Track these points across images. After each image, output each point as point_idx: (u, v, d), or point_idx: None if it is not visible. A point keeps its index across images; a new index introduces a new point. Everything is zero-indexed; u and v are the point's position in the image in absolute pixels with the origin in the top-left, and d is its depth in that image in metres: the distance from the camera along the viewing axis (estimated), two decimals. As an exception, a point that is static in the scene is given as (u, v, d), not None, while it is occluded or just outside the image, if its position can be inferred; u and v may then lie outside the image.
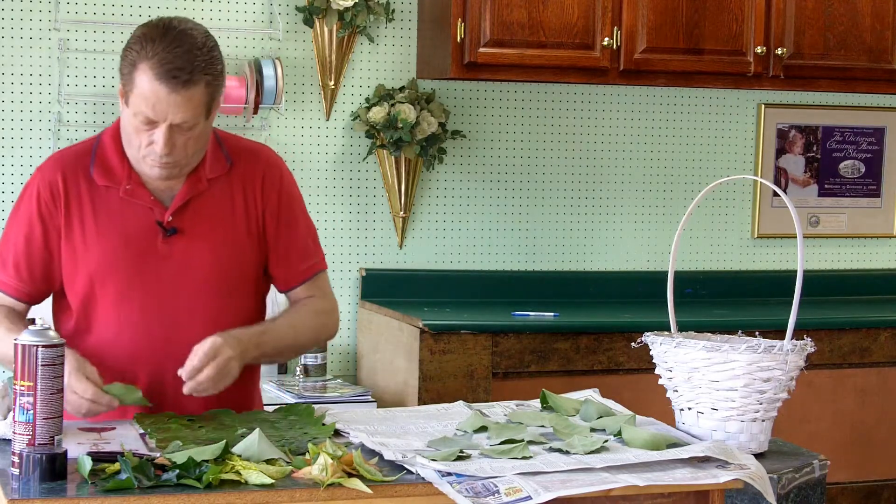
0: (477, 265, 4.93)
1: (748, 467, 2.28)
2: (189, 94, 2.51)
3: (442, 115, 4.70)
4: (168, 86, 2.49)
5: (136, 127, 2.55)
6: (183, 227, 2.65)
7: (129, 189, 2.63)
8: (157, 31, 2.55)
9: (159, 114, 2.51)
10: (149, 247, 2.63)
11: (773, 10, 4.78)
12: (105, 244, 2.62)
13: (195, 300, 2.65)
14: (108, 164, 2.65)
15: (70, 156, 2.70)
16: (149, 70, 2.50)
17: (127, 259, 2.62)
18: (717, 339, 2.61)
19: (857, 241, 5.40)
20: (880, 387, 4.81)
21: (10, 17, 4.40)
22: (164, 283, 2.63)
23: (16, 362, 2.16)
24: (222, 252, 2.67)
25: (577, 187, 5.04)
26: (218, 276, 2.67)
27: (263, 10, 4.62)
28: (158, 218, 2.64)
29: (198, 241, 2.65)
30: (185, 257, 2.64)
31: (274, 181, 2.75)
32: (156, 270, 2.63)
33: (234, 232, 2.69)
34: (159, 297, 2.63)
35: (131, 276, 2.62)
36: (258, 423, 2.49)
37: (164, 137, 2.53)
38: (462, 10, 4.47)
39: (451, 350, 4.25)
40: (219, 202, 2.69)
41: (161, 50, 2.51)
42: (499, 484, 2.13)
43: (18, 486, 2.06)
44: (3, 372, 4.43)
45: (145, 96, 2.50)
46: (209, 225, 2.67)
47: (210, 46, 2.58)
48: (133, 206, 2.64)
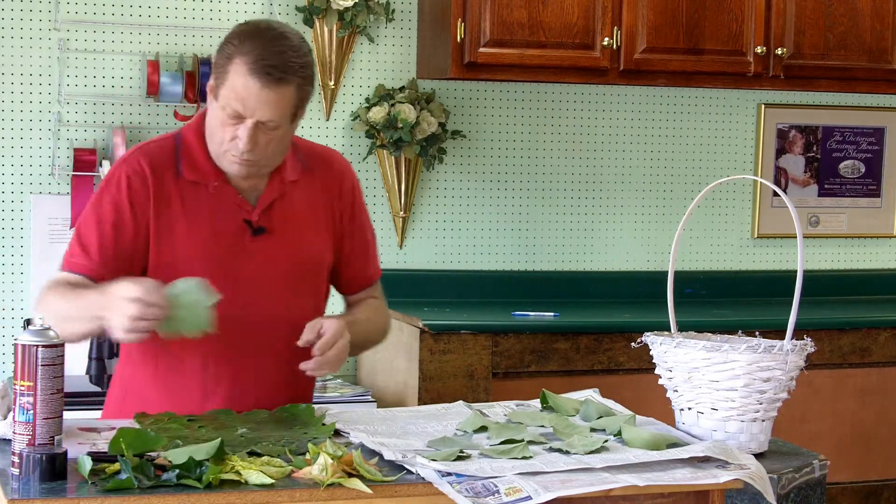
0: (477, 265, 4.93)
1: (748, 467, 2.28)
2: (279, 93, 2.54)
3: (442, 115, 4.70)
4: (261, 81, 2.52)
5: (223, 121, 2.57)
6: (269, 226, 2.69)
7: (217, 186, 2.66)
8: (256, 29, 2.59)
9: (247, 109, 2.54)
10: (237, 244, 2.66)
11: (773, 10, 4.78)
12: (194, 238, 2.64)
13: (274, 298, 2.68)
14: (195, 160, 2.67)
15: (155, 149, 2.70)
16: (244, 65, 2.53)
17: (215, 254, 2.65)
18: (717, 339, 2.61)
19: (857, 241, 5.41)
20: (880, 387, 4.81)
21: (10, 17, 4.40)
22: (248, 281, 2.66)
23: (16, 362, 2.16)
24: (304, 253, 2.73)
25: (577, 187, 5.04)
26: (298, 277, 2.72)
27: (263, 11, 4.62)
28: (246, 216, 2.67)
29: (283, 240, 2.70)
30: (270, 256, 2.68)
31: (350, 187, 2.82)
32: (241, 267, 2.66)
33: (316, 234, 2.75)
34: (242, 293, 2.65)
35: (218, 272, 2.63)
36: (258, 423, 2.50)
37: (248, 134, 2.55)
38: (462, 10, 4.47)
39: (451, 350, 4.25)
40: (301, 204, 2.73)
41: (258, 47, 2.54)
42: (499, 484, 2.13)
43: (18, 486, 2.06)
44: (2, 372, 4.44)
45: (236, 90, 2.53)
46: (293, 226, 2.72)
47: (305, 52, 2.61)
48: (221, 203, 2.66)
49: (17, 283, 4.44)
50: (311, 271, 2.76)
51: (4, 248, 4.43)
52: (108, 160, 4.36)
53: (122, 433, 2.17)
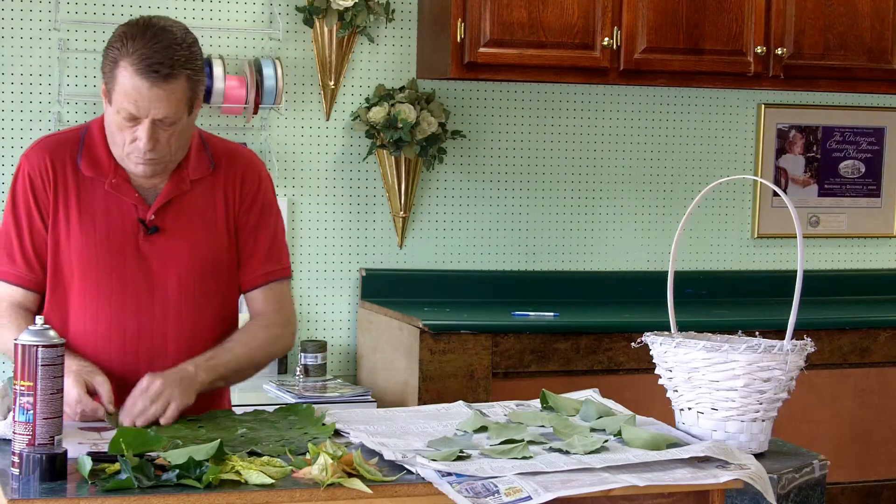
0: (477, 265, 4.93)
1: (748, 467, 2.28)
2: (170, 89, 2.53)
3: (442, 115, 4.70)
4: (149, 80, 2.51)
5: (119, 124, 2.56)
6: (164, 225, 2.67)
7: (114, 183, 2.65)
8: (137, 29, 2.57)
9: (141, 109, 2.53)
10: (129, 243, 2.65)
11: (773, 10, 4.78)
12: (87, 236, 2.64)
13: (171, 298, 2.67)
14: (95, 156, 2.66)
15: (57, 142, 2.70)
16: (129, 66, 2.52)
17: (107, 253, 2.64)
18: (717, 339, 2.61)
19: (857, 241, 5.41)
20: (880, 387, 4.81)
21: (10, 17, 4.40)
22: (142, 280, 2.65)
23: (16, 362, 2.16)
24: (201, 252, 2.69)
25: (577, 187, 5.04)
26: (195, 276, 2.69)
27: (263, 10, 4.62)
28: (141, 215, 2.65)
29: (178, 240, 2.67)
30: (165, 256, 2.66)
31: (252, 184, 2.77)
32: (134, 267, 2.65)
33: (214, 233, 2.71)
34: (136, 293, 2.65)
35: (110, 271, 2.64)
36: (258, 423, 2.50)
37: (146, 133, 2.54)
38: (462, 10, 4.47)
39: (451, 350, 4.25)
40: (200, 203, 2.70)
41: (141, 46, 2.53)
42: (499, 484, 2.13)
43: (18, 486, 2.06)
44: (3, 372, 4.43)
45: (127, 92, 2.52)
46: (190, 225, 2.69)
47: (190, 42, 2.59)
48: (117, 201, 2.65)
49: (17, 283, 4.44)
50: (211, 272, 2.71)
51: (4, 248, 4.43)
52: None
53: (122, 433, 2.17)
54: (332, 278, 4.76)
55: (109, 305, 2.64)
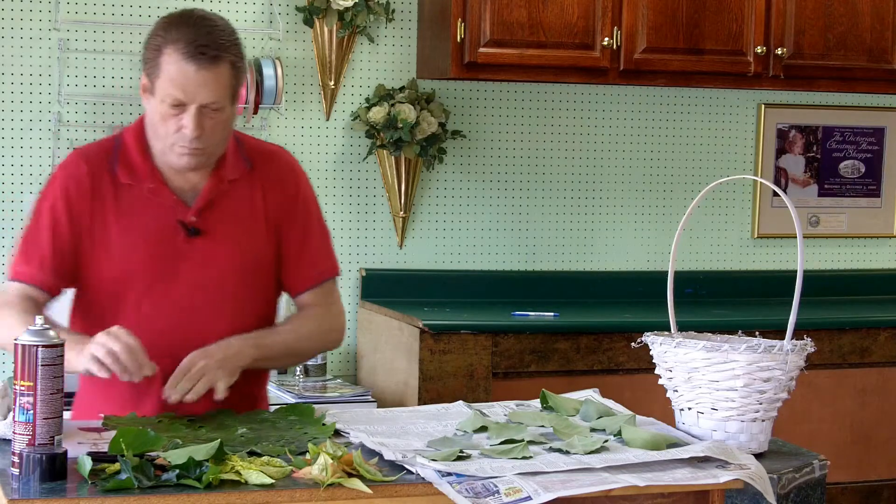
0: (477, 265, 4.93)
1: (748, 467, 2.28)
2: (216, 72, 2.53)
3: (442, 115, 4.70)
4: (196, 63, 2.51)
5: (164, 114, 2.55)
6: (205, 227, 2.65)
7: (152, 188, 2.64)
8: (180, 18, 2.58)
9: (188, 94, 2.52)
10: (171, 246, 2.64)
11: (773, 10, 4.78)
12: (128, 243, 2.63)
13: (213, 300, 2.66)
14: (131, 162, 2.65)
15: (93, 152, 2.70)
16: (175, 52, 2.52)
17: (149, 258, 2.63)
18: (717, 339, 2.61)
19: (857, 241, 5.41)
20: (880, 387, 4.81)
21: (10, 17, 4.40)
22: (184, 283, 2.64)
23: (16, 362, 2.16)
24: (242, 253, 2.69)
25: (577, 187, 5.04)
26: (236, 278, 2.68)
27: (263, 10, 4.62)
28: (181, 217, 2.64)
29: (219, 241, 2.66)
30: (206, 257, 2.65)
31: (292, 185, 2.77)
32: (176, 270, 2.64)
33: (254, 234, 2.71)
34: (179, 296, 2.64)
35: (153, 275, 2.63)
36: (258, 423, 2.50)
37: (193, 120, 2.54)
38: (462, 10, 4.47)
39: (451, 350, 4.25)
40: (240, 204, 2.69)
41: (186, 32, 2.54)
42: (499, 484, 2.13)
43: (18, 486, 2.06)
44: (3, 372, 4.43)
45: (173, 78, 2.52)
46: (230, 226, 2.68)
47: (231, 30, 2.61)
48: (156, 205, 2.64)
49: (17, 283, 4.44)
50: (253, 273, 2.71)
51: (4, 248, 4.43)
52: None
53: (122, 433, 2.17)
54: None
55: (153, 310, 2.63)
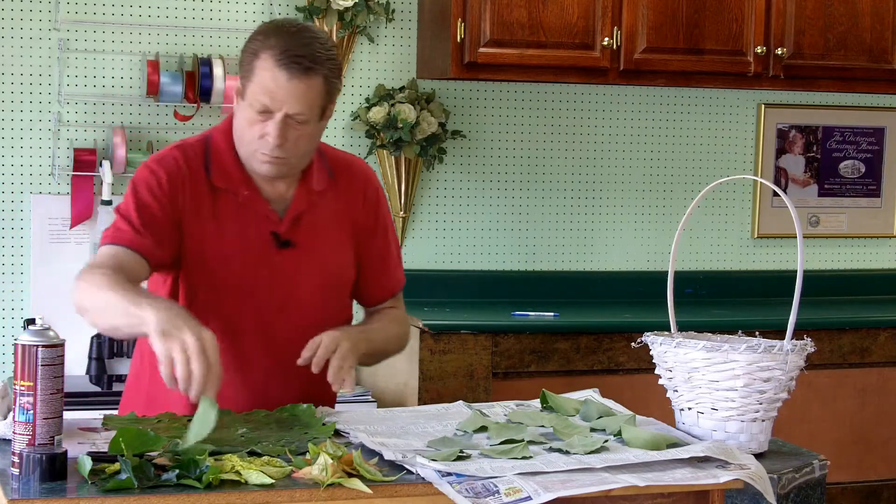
0: (477, 265, 4.93)
1: (748, 467, 2.28)
2: (307, 84, 2.52)
3: (442, 115, 4.70)
4: (288, 72, 2.50)
5: (251, 119, 2.54)
6: (295, 239, 2.65)
7: (247, 195, 2.62)
8: (282, 25, 2.58)
9: (276, 102, 2.51)
10: (263, 256, 2.63)
11: (773, 10, 4.78)
12: (222, 248, 2.61)
13: (298, 314, 2.66)
14: (225, 167, 2.63)
15: (189, 149, 2.66)
16: (270, 58, 2.51)
17: (241, 266, 2.61)
18: (717, 339, 2.61)
19: (857, 241, 5.41)
20: (880, 387, 4.81)
21: (10, 17, 4.40)
22: (273, 294, 2.63)
23: (16, 362, 2.16)
24: (329, 268, 2.70)
25: (577, 187, 5.04)
26: (324, 293, 2.69)
27: (263, 10, 4.62)
28: (273, 228, 2.63)
29: (308, 254, 2.66)
30: (295, 270, 2.65)
31: (373, 198, 2.78)
32: (267, 280, 2.63)
33: (341, 249, 2.72)
34: (268, 307, 2.63)
35: (243, 284, 2.61)
36: (258, 423, 2.50)
37: (277, 128, 2.52)
38: (462, 10, 4.47)
39: (451, 350, 4.25)
40: (326, 216, 2.70)
41: (284, 39, 2.53)
42: (499, 484, 2.12)
43: (18, 486, 2.06)
44: (2, 372, 4.43)
45: (264, 84, 2.51)
46: (318, 239, 2.68)
47: (331, 45, 2.59)
48: (249, 213, 2.63)
49: (16, 283, 4.44)
50: (336, 287, 2.73)
51: (4, 248, 4.43)
52: (108, 160, 4.36)
53: (122, 433, 2.17)
54: (332, 278, 4.76)
55: (239, 318, 2.61)
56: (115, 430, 2.24)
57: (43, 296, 4.39)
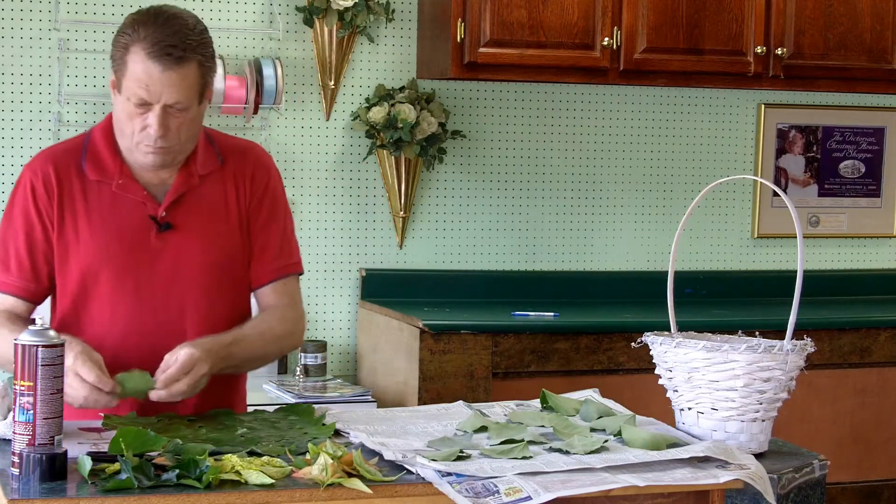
0: (477, 265, 4.93)
1: (748, 467, 2.28)
2: (182, 73, 2.52)
3: (442, 115, 4.70)
4: (161, 64, 2.50)
5: (129, 112, 2.55)
6: (176, 222, 2.65)
7: (121, 183, 2.63)
8: (148, 16, 2.56)
9: (153, 94, 2.52)
10: (142, 241, 2.63)
11: (773, 10, 4.78)
12: (98, 239, 2.62)
13: (187, 295, 2.65)
14: (99, 159, 2.65)
15: (60, 151, 2.70)
16: (141, 51, 2.51)
17: (120, 254, 2.62)
18: (717, 339, 2.61)
19: (857, 241, 5.41)
20: (880, 387, 4.80)
21: (10, 17, 4.40)
22: (157, 278, 2.64)
23: (16, 362, 2.16)
24: (214, 248, 2.68)
25: (577, 187, 5.04)
26: (209, 272, 2.67)
27: (263, 10, 4.62)
28: (152, 212, 2.64)
29: (191, 236, 2.66)
30: (178, 252, 2.65)
31: (262, 179, 2.76)
32: (149, 265, 2.63)
33: (226, 228, 2.70)
34: (152, 291, 2.64)
35: (124, 271, 2.62)
36: (258, 423, 2.50)
37: (158, 119, 2.53)
38: (462, 10, 4.47)
39: (451, 350, 4.25)
40: (211, 198, 2.69)
41: (153, 31, 2.52)
42: (499, 484, 2.13)
43: (18, 486, 2.06)
44: (2, 372, 4.43)
45: (138, 77, 2.51)
46: (202, 220, 2.67)
47: (201, 29, 2.59)
48: (126, 201, 2.64)
49: (17, 283, 4.44)
50: (225, 268, 2.70)
51: (4, 248, 4.43)
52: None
53: (122, 433, 2.17)
54: (332, 278, 4.76)
55: (126, 306, 2.63)
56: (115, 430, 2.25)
57: (43, 296, 4.38)
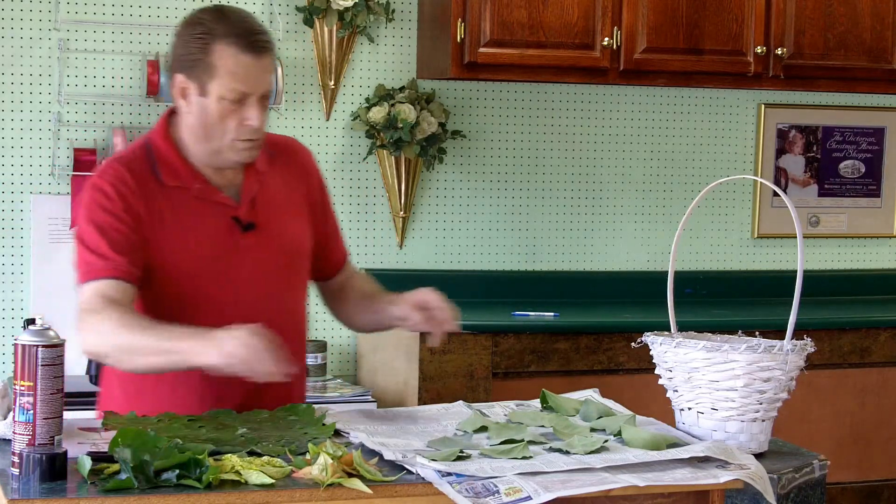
0: (477, 265, 4.93)
1: (748, 467, 2.28)
2: (268, 62, 2.59)
3: (442, 115, 4.70)
4: (254, 53, 2.54)
5: (222, 112, 2.56)
6: (257, 221, 2.68)
7: (200, 188, 2.64)
8: (218, 13, 2.59)
9: (251, 85, 2.54)
10: (230, 243, 2.65)
11: (773, 10, 4.78)
12: (188, 242, 2.62)
13: (269, 294, 2.68)
14: (172, 166, 2.64)
15: (130, 159, 2.66)
16: (231, 45, 2.53)
17: (211, 256, 2.63)
18: (717, 339, 2.61)
19: (857, 241, 5.41)
20: (880, 387, 4.81)
21: (10, 17, 4.40)
22: (249, 277, 2.66)
23: (16, 362, 2.16)
24: (291, 244, 2.74)
25: (577, 187, 5.04)
26: (290, 268, 2.73)
27: (263, 10, 4.62)
28: (233, 213, 2.65)
29: (270, 233, 2.69)
30: (262, 250, 2.67)
31: (315, 172, 2.84)
32: (239, 266, 2.66)
33: (299, 222, 2.75)
34: (244, 292, 2.66)
35: (217, 272, 2.63)
36: (258, 423, 2.50)
37: (258, 110, 2.56)
38: (462, 10, 4.47)
39: (451, 350, 4.25)
40: (278, 194, 2.73)
41: (233, 25, 2.55)
42: (499, 484, 2.13)
43: (18, 486, 2.06)
44: (2, 372, 4.43)
45: (234, 71, 2.53)
46: (276, 217, 2.71)
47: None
48: (206, 205, 2.64)
49: (17, 283, 4.44)
50: (299, 261, 2.76)
51: (4, 248, 4.43)
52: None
53: (122, 433, 2.17)
54: (332, 278, 4.76)
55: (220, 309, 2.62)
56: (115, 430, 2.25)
57: (43, 296, 4.39)
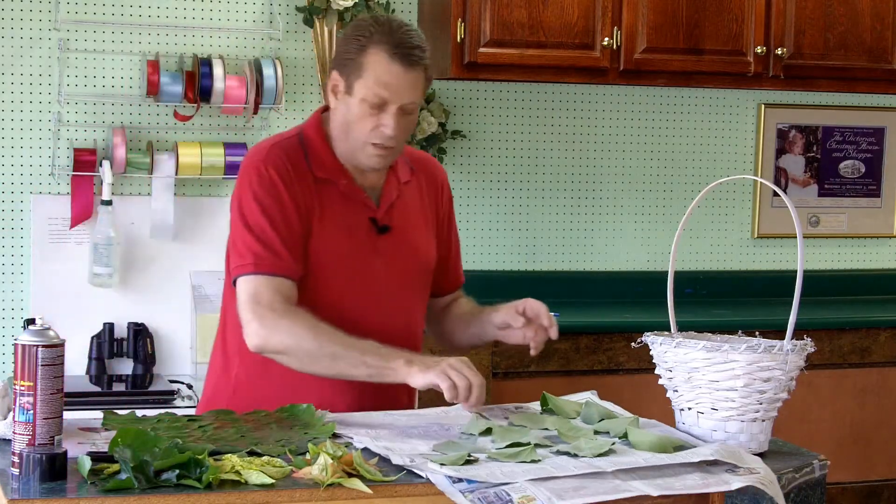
0: (477, 265, 4.93)
1: (758, 471, 2.26)
2: (418, 76, 2.62)
3: (442, 115, 4.70)
4: (404, 64, 2.59)
5: (361, 114, 2.61)
6: (392, 225, 2.73)
7: (346, 184, 2.69)
8: (382, 21, 2.65)
9: (393, 94, 2.60)
10: (366, 241, 2.70)
11: (773, 10, 4.78)
12: (329, 234, 2.67)
13: (394, 297, 2.73)
14: (322, 159, 2.70)
15: (287, 145, 2.71)
16: (384, 51, 2.59)
17: (347, 251, 2.68)
18: (717, 339, 2.60)
19: (857, 241, 5.41)
20: (880, 387, 4.81)
21: (10, 17, 4.40)
22: (378, 278, 2.70)
23: (16, 362, 2.16)
24: (420, 252, 2.79)
25: (577, 187, 5.04)
26: (415, 276, 2.78)
27: (263, 10, 4.62)
28: (371, 214, 2.71)
29: (403, 240, 2.74)
30: (394, 254, 2.73)
31: (448, 191, 2.92)
32: (371, 265, 2.70)
33: (427, 234, 2.81)
34: (376, 292, 2.70)
35: (354, 269, 2.68)
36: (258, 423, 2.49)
37: (394, 119, 2.61)
38: (462, 10, 4.47)
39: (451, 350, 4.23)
40: (413, 205, 2.79)
41: (393, 34, 2.61)
42: (511, 492, 2.09)
43: (18, 486, 2.06)
44: (2, 372, 4.43)
45: (379, 77, 2.59)
46: (410, 226, 2.77)
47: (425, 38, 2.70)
48: (350, 201, 2.70)
49: (17, 283, 4.44)
50: (424, 271, 2.82)
51: (4, 248, 4.43)
52: (108, 160, 4.36)
53: (122, 433, 2.17)
54: (332, 278, 4.76)
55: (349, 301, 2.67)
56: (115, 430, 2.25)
57: (43, 296, 4.39)
